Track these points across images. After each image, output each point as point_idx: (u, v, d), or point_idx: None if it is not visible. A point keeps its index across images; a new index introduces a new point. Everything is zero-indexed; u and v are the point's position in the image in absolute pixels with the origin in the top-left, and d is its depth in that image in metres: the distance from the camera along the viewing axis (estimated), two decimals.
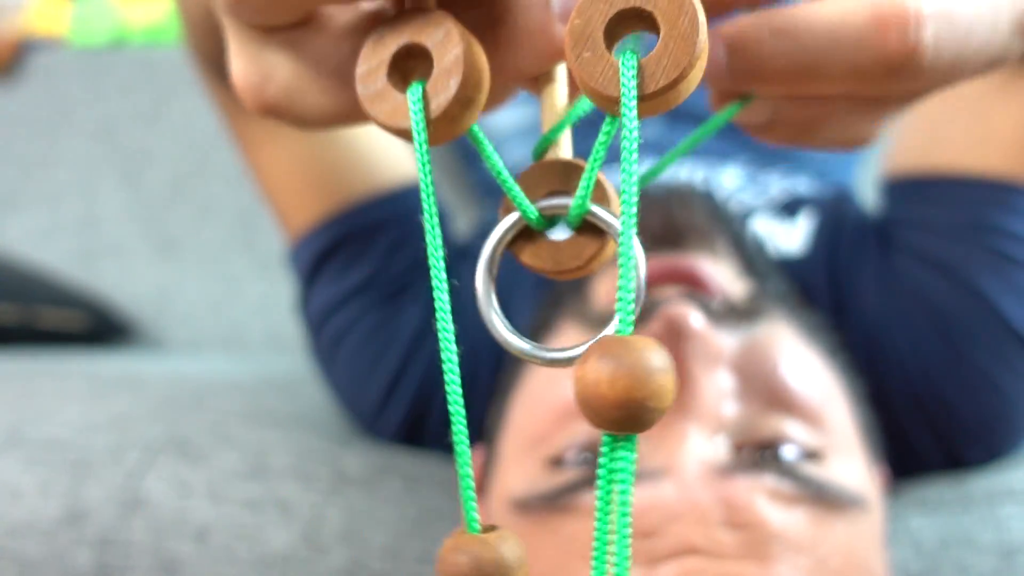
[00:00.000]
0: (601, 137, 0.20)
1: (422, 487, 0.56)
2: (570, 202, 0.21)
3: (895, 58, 0.22)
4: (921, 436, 0.54)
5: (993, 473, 0.55)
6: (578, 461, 0.41)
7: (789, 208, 0.61)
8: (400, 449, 0.59)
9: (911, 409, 0.54)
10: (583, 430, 0.41)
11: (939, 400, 0.53)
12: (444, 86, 0.19)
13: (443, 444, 0.59)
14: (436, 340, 0.61)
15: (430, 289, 0.66)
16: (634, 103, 0.18)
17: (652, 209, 0.51)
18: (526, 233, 0.22)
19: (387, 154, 0.59)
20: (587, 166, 0.21)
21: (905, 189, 0.57)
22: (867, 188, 0.94)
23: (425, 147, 0.20)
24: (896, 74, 0.23)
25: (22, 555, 0.53)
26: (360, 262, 0.58)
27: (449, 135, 0.20)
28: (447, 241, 0.62)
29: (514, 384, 0.47)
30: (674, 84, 0.18)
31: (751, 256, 0.49)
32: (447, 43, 0.19)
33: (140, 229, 1.09)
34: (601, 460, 0.18)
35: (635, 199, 0.18)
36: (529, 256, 0.22)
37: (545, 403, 0.43)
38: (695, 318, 0.39)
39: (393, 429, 0.58)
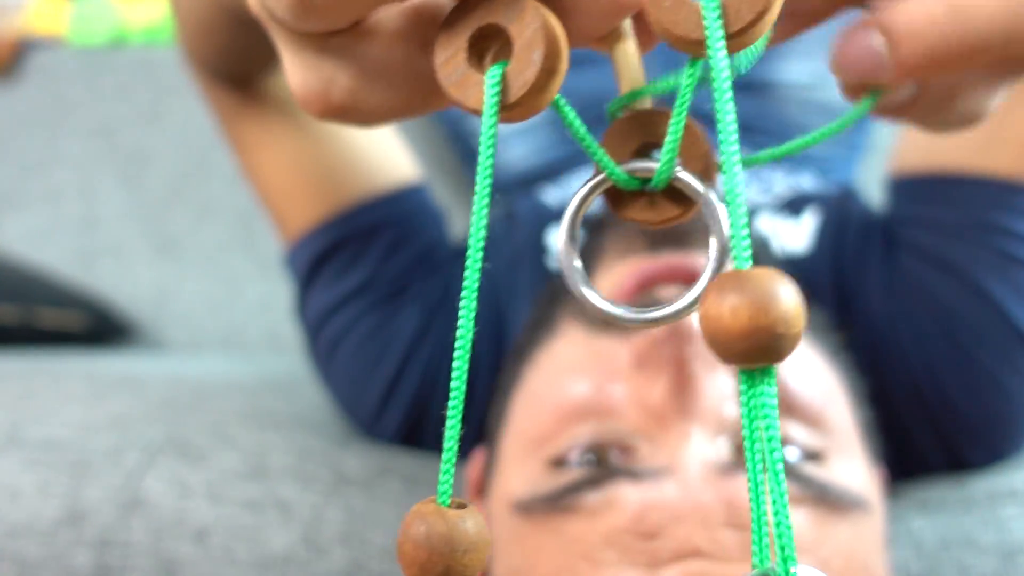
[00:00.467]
0: (685, 81, 0.20)
1: (422, 488, 0.56)
2: (655, 166, 0.21)
3: None
4: (924, 436, 0.54)
5: (994, 474, 0.55)
6: (581, 462, 0.41)
7: (794, 206, 0.61)
8: (400, 450, 0.59)
9: (915, 409, 0.54)
10: (586, 431, 0.41)
11: (943, 400, 0.53)
12: (529, 61, 0.19)
13: (442, 445, 0.59)
14: (434, 341, 0.61)
15: (427, 290, 0.66)
16: (722, 41, 0.18)
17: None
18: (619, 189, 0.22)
19: (384, 156, 0.59)
20: (670, 128, 0.20)
21: (912, 188, 0.57)
22: (869, 186, 0.94)
23: (494, 129, 0.20)
24: None
25: (22, 556, 0.53)
26: (357, 264, 0.57)
27: (537, 107, 0.20)
28: (446, 242, 0.61)
29: (515, 385, 0.47)
30: (757, 20, 0.19)
31: (754, 255, 0.49)
32: (523, 18, 0.20)
33: (140, 229, 1.09)
34: (742, 400, 0.18)
35: (735, 138, 0.18)
36: (628, 210, 0.22)
37: (547, 404, 0.43)
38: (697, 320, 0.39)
39: (392, 431, 0.58)
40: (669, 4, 0.19)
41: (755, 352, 0.17)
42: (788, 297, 0.17)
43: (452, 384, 0.19)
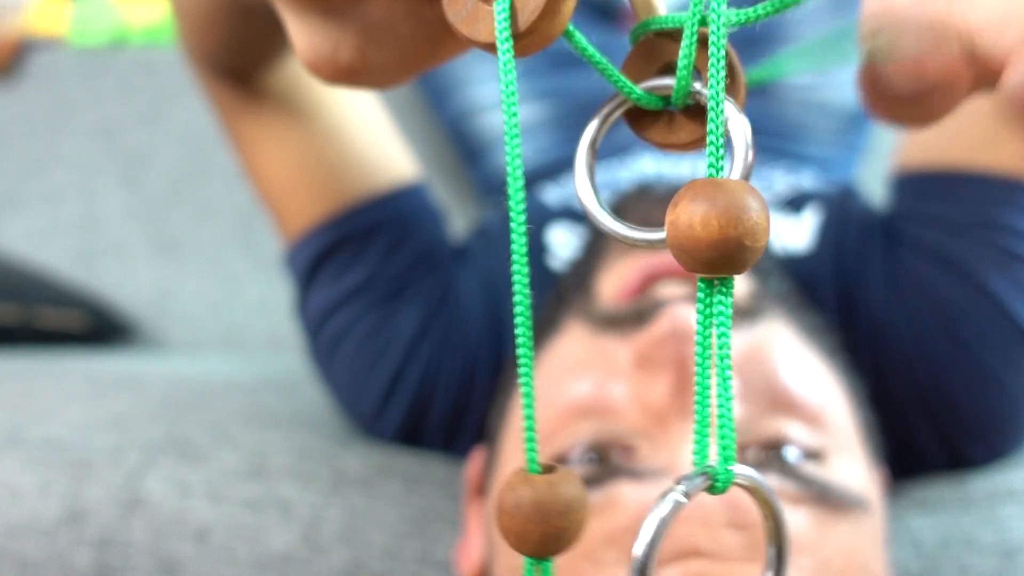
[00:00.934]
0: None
1: (422, 487, 0.56)
2: (672, 82, 0.21)
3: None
4: (925, 433, 0.54)
5: (994, 473, 0.55)
6: (582, 461, 0.41)
7: (794, 204, 0.61)
8: (400, 449, 0.59)
9: (916, 406, 0.54)
10: (586, 430, 0.41)
11: (944, 398, 0.53)
12: None
13: (442, 444, 0.59)
14: (434, 340, 0.61)
15: (427, 290, 0.66)
16: (508, 42, 0.19)
17: (656, 206, 0.51)
18: (641, 111, 0.22)
19: (384, 155, 0.59)
20: (683, 42, 0.20)
21: (915, 184, 0.57)
22: (869, 186, 0.94)
23: (511, 57, 0.19)
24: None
25: (22, 555, 0.53)
26: (357, 264, 0.57)
27: (551, 34, 0.20)
28: (446, 241, 0.61)
29: (516, 383, 0.47)
30: (544, 17, 0.19)
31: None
32: None
33: (140, 229, 1.09)
34: (698, 306, 0.18)
35: (724, 41, 0.18)
36: (650, 132, 0.22)
37: (549, 403, 0.43)
38: None
39: (392, 430, 0.58)
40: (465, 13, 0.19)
41: (721, 262, 0.17)
42: (758, 210, 0.17)
43: (519, 347, 0.19)
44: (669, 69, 0.21)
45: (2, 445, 0.57)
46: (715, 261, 0.17)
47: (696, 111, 0.21)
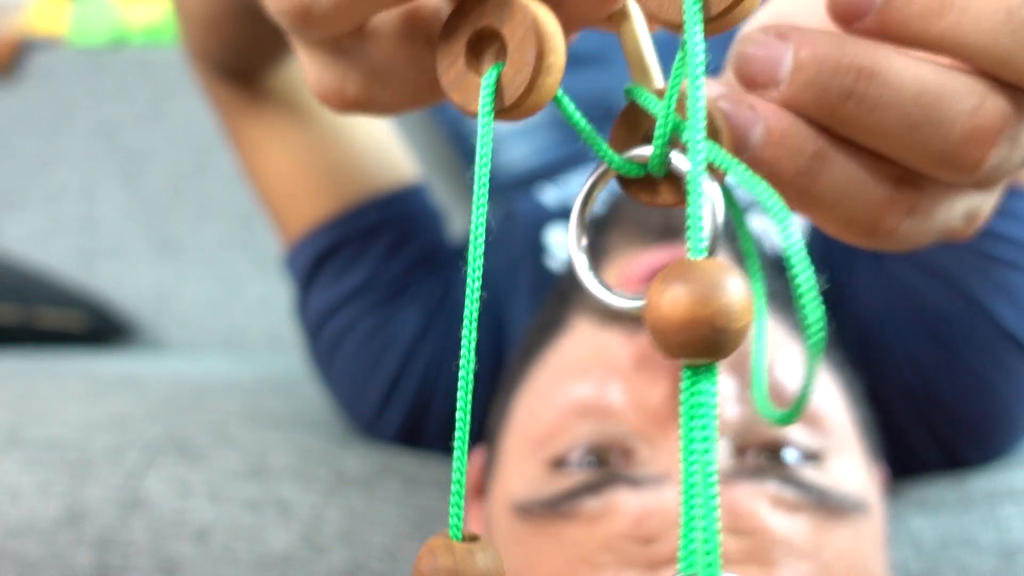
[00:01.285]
0: (676, 64, 0.20)
1: (422, 487, 0.56)
2: (650, 151, 0.21)
3: (967, 164, 0.21)
4: (919, 435, 0.54)
5: (993, 473, 0.55)
6: (582, 463, 0.41)
7: None
8: (400, 450, 0.59)
9: (907, 408, 0.54)
10: (587, 431, 0.41)
11: (933, 400, 0.53)
12: (523, 62, 0.19)
13: (442, 445, 0.59)
14: (434, 341, 0.61)
15: (428, 291, 0.66)
16: (699, 27, 0.19)
17: (655, 208, 0.51)
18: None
19: (385, 157, 0.59)
20: (659, 113, 0.20)
21: None
22: None
23: (489, 129, 0.20)
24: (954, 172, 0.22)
25: (22, 555, 0.53)
26: (358, 264, 0.57)
27: (536, 107, 0.20)
28: (446, 242, 0.62)
29: (518, 384, 0.47)
30: (737, 2, 0.19)
31: (748, 254, 0.49)
32: (514, 18, 0.20)
33: (140, 229, 1.09)
34: (682, 397, 0.17)
35: (703, 125, 0.18)
36: (636, 192, 0.22)
37: (550, 403, 0.43)
38: None
39: (392, 431, 0.58)
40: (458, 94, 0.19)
41: (694, 344, 0.16)
42: (733, 289, 0.16)
43: (457, 427, 0.19)
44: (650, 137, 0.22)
45: (2, 445, 0.57)
46: (688, 343, 0.16)
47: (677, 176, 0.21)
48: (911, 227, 0.23)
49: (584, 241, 0.22)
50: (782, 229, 0.18)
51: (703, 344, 0.16)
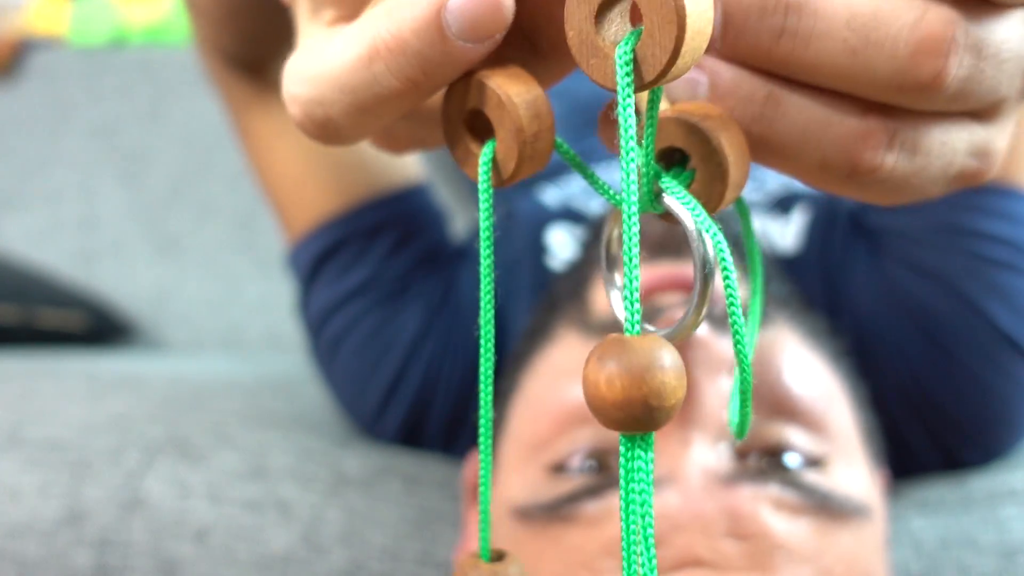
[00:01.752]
0: (648, 111, 0.21)
1: (422, 488, 0.56)
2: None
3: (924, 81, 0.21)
4: (917, 437, 0.54)
5: (994, 473, 0.55)
6: (582, 468, 0.41)
7: (783, 204, 0.61)
8: (400, 450, 0.59)
9: (905, 410, 0.54)
10: (586, 436, 0.41)
11: (930, 402, 0.53)
12: (508, 144, 0.21)
13: (443, 445, 0.59)
14: (435, 341, 0.61)
15: (429, 290, 0.66)
16: (631, 99, 0.19)
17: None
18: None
19: (389, 157, 0.59)
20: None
21: None
22: None
23: (488, 202, 0.21)
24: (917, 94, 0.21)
25: (22, 555, 0.53)
26: (360, 263, 0.57)
27: (537, 168, 0.22)
28: (448, 242, 0.62)
29: (513, 391, 0.47)
30: (666, 69, 0.19)
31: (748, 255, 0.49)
32: (490, 102, 0.21)
33: (140, 229, 1.09)
34: (621, 462, 0.18)
35: (637, 193, 0.19)
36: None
37: (547, 408, 0.43)
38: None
39: (393, 431, 0.58)
40: (595, 61, 0.20)
41: (630, 422, 0.17)
42: (666, 369, 0.17)
43: (480, 448, 0.20)
44: (674, 151, 0.22)
45: (2, 445, 0.57)
46: (623, 421, 0.17)
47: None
48: (902, 164, 0.22)
49: (615, 287, 0.23)
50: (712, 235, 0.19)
51: (638, 421, 0.17)
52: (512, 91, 0.20)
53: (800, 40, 0.20)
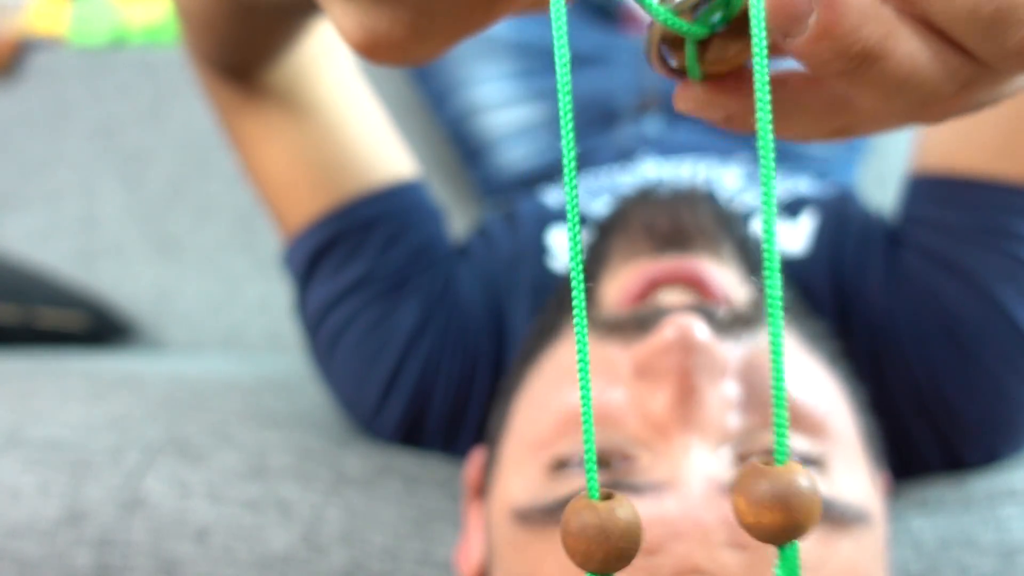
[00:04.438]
0: None
1: (422, 487, 0.56)
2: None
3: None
4: (923, 435, 0.54)
5: (993, 473, 0.55)
6: (583, 466, 0.40)
7: (791, 208, 0.61)
8: (400, 449, 0.59)
9: (914, 408, 0.54)
10: None
11: (942, 400, 0.53)
12: None
13: (442, 443, 0.59)
14: (433, 335, 0.61)
15: (426, 284, 0.65)
16: None
17: (660, 210, 0.51)
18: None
19: (382, 152, 0.59)
20: None
21: (925, 188, 0.57)
22: (869, 184, 0.94)
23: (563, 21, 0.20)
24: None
25: (22, 555, 0.53)
26: (356, 258, 0.58)
27: None
28: (444, 238, 0.62)
29: (518, 389, 0.47)
30: None
31: (755, 260, 0.49)
32: None
33: (140, 229, 1.09)
34: (778, 561, 0.20)
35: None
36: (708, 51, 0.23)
37: (549, 409, 0.43)
38: (700, 330, 0.39)
39: (392, 427, 0.58)
40: None
41: (781, 539, 0.19)
42: (809, 490, 0.19)
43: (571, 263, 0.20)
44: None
45: (2, 445, 0.57)
46: (775, 539, 0.19)
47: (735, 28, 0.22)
48: (976, 101, 0.23)
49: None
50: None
51: (788, 538, 0.19)
52: None
53: None
